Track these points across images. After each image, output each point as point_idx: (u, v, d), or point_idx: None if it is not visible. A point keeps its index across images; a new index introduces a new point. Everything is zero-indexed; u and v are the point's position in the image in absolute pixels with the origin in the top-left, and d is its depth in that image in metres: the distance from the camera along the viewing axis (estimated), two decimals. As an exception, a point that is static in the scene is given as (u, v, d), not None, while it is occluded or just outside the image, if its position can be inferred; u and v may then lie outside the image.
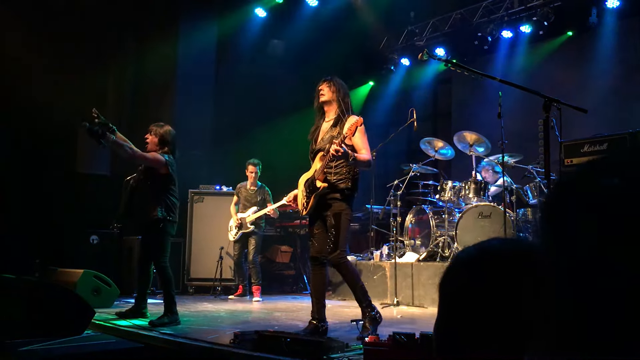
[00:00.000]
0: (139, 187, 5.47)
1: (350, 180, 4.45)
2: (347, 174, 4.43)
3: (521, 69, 9.68)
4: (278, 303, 7.24)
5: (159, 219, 5.26)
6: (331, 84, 4.58)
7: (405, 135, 9.78)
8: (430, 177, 8.37)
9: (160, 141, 5.46)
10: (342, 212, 4.41)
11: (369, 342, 3.36)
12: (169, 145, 5.48)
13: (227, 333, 4.47)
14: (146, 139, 5.49)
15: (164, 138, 5.47)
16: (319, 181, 4.42)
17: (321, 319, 4.49)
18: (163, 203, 5.30)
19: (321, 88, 4.61)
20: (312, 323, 4.47)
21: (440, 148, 7.68)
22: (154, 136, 5.47)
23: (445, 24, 10.23)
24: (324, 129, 4.62)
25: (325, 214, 4.47)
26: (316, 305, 4.52)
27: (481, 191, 7.13)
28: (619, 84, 8.67)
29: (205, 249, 8.27)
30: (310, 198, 4.49)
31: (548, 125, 3.45)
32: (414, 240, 7.72)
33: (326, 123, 4.63)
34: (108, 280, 6.42)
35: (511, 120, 7.80)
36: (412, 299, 6.78)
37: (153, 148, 5.43)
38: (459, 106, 10.95)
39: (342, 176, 4.43)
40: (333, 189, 4.42)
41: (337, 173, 4.43)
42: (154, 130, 5.49)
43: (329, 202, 4.45)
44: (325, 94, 4.58)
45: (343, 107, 4.52)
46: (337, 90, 4.56)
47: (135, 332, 4.67)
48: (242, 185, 8.04)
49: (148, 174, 5.37)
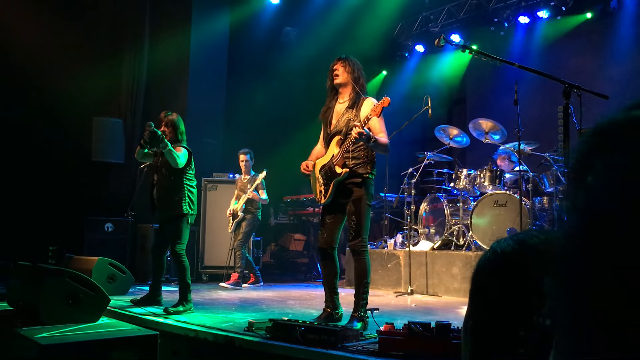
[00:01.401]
0: (160, 179, 5.49)
1: (369, 165, 4.27)
2: (365, 158, 4.25)
3: (538, 55, 9.54)
4: (292, 291, 7.25)
5: (184, 214, 5.33)
6: (346, 63, 4.37)
7: (419, 122, 9.69)
8: (445, 165, 8.29)
9: (177, 131, 5.50)
10: (361, 197, 4.22)
11: (384, 331, 3.34)
12: (183, 134, 5.52)
13: (241, 321, 4.48)
14: (164, 132, 5.47)
15: (178, 126, 5.50)
16: (339, 167, 4.24)
17: (335, 306, 4.40)
18: (187, 197, 5.38)
19: (336, 68, 4.39)
20: (326, 310, 4.41)
21: (455, 136, 7.60)
22: (172, 127, 5.49)
23: (461, 10, 10.10)
24: (338, 110, 4.42)
25: (344, 201, 4.29)
26: (329, 295, 4.43)
27: (497, 179, 7.06)
28: (639, 69, 8.51)
29: (219, 236, 8.29)
30: (330, 185, 4.29)
31: (568, 112, 3.38)
32: (428, 228, 7.67)
33: (340, 104, 4.43)
34: (123, 267, 6.45)
35: (527, 107, 7.71)
36: (426, 287, 6.75)
37: (171, 139, 5.41)
38: (474, 93, 10.83)
39: (360, 160, 4.25)
40: (351, 174, 4.24)
41: (355, 157, 4.25)
42: (168, 121, 5.50)
43: (348, 188, 4.26)
44: (340, 74, 4.36)
45: (358, 89, 4.34)
46: (352, 71, 4.36)
47: (150, 320, 4.70)
48: (239, 176, 8.05)
49: (170, 167, 5.37)
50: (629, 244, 0.39)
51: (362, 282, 4.29)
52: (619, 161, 0.42)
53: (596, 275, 0.41)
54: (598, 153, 0.44)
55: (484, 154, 7.70)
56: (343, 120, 4.32)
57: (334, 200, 4.34)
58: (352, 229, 4.27)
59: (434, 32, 10.26)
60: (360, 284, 4.29)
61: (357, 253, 4.30)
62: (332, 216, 4.40)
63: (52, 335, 3.83)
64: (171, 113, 5.57)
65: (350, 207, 4.26)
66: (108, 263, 6.31)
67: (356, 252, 4.30)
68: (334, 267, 4.44)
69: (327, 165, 4.36)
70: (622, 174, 0.41)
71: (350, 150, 4.24)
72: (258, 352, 3.72)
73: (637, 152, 0.41)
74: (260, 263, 8.75)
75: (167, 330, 4.39)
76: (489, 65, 7.50)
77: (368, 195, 4.27)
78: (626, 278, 0.39)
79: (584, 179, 0.44)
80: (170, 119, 5.51)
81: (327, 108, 4.52)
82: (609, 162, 0.43)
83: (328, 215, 4.42)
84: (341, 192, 4.29)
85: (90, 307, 4.56)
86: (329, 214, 4.41)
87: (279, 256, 10.41)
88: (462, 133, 7.57)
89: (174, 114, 5.57)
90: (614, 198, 0.41)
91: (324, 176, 4.38)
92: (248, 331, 3.98)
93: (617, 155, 0.43)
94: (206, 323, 4.45)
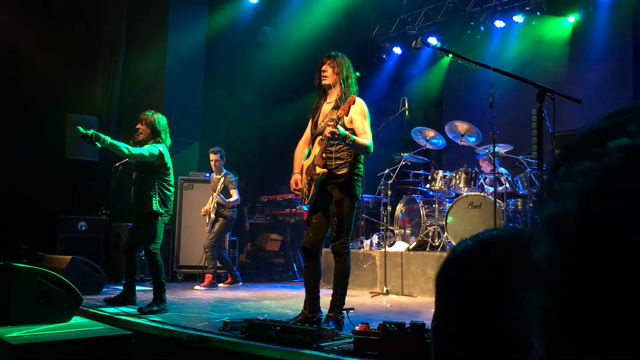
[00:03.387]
0: (136, 177, 5.46)
1: (352, 165, 4.23)
2: (348, 158, 4.22)
3: (513, 59, 9.68)
4: (267, 291, 7.23)
5: (154, 212, 5.28)
6: (335, 63, 4.30)
7: (396, 124, 9.74)
8: (421, 166, 8.37)
9: (152, 130, 5.44)
10: (344, 199, 4.17)
11: (360, 331, 3.36)
12: (160, 134, 5.45)
13: (216, 321, 4.46)
14: (138, 129, 5.46)
15: (155, 127, 5.45)
16: (319, 167, 4.21)
17: (313, 309, 4.32)
18: (158, 196, 5.33)
19: (324, 69, 4.33)
20: (304, 313, 4.32)
21: (432, 137, 7.67)
22: (146, 126, 5.44)
23: (438, 13, 10.19)
24: (325, 111, 4.38)
25: (328, 201, 4.25)
26: (309, 297, 4.35)
27: (472, 181, 7.15)
28: (612, 74, 8.70)
29: (194, 236, 8.23)
30: (311, 185, 4.26)
31: (542, 115, 3.44)
32: (404, 229, 7.73)
33: (327, 105, 4.39)
34: (96, 266, 6.38)
35: (502, 110, 7.82)
36: (401, 288, 6.80)
37: (146, 137, 5.41)
38: (451, 95, 10.95)
39: (342, 161, 4.21)
40: (334, 174, 4.21)
41: (338, 158, 4.22)
42: (144, 120, 5.47)
43: (331, 188, 4.23)
44: (328, 75, 4.31)
45: (344, 89, 4.28)
46: (340, 71, 4.30)
47: (124, 319, 4.65)
48: (212, 175, 8.02)
49: (143, 165, 5.34)
50: (586, 252, 0.40)
51: (341, 283, 4.27)
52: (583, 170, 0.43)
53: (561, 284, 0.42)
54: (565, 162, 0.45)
55: (459, 155, 7.79)
56: (327, 120, 4.28)
57: (320, 201, 4.30)
58: (333, 230, 4.23)
59: (411, 35, 10.34)
60: (338, 285, 4.27)
61: (338, 255, 4.26)
62: (317, 216, 4.34)
63: (23, 335, 3.77)
64: (151, 113, 5.54)
65: (333, 208, 4.22)
66: (81, 262, 6.24)
67: (337, 254, 4.26)
68: (316, 269, 4.37)
69: (310, 165, 4.34)
70: (585, 185, 0.42)
71: (333, 151, 4.22)
72: (233, 352, 3.71)
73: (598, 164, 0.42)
74: (237, 263, 8.70)
75: (141, 330, 4.36)
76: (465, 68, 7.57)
77: (351, 196, 4.22)
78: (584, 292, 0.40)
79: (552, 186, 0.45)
80: (144, 117, 5.49)
81: (316, 107, 4.48)
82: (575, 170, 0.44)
83: (314, 215, 4.36)
84: (325, 192, 4.26)
85: (63, 306, 4.50)
86: (315, 214, 4.35)
87: (255, 256, 10.38)
88: (438, 135, 7.64)
89: (153, 113, 5.53)
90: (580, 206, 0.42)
91: (308, 176, 4.35)
92: (223, 331, 3.97)
93: (578, 165, 0.44)
94: (181, 323, 4.43)
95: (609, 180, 0.41)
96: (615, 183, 0.41)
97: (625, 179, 0.41)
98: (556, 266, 0.43)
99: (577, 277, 0.41)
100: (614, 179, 0.41)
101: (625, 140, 0.42)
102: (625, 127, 0.43)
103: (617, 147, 0.42)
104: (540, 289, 0.44)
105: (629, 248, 0.39)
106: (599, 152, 0.43)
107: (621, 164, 0.41)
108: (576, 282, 0.41)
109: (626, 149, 0.41)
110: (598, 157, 0.42)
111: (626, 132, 0.43)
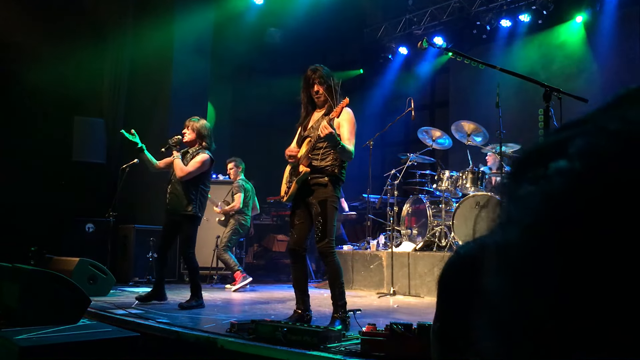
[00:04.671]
0: (173, 179, 5.58)
1: (337, 167, 4.29)
2: (333, 160, 4.28)
3: (519, 59, 9.65)
4: (274, 292, 7.23)
5: (194, 216, 5.44)
6: (322, 80, 4.37)
7: (402, 124, 9.75)
8: (428, 166, 8.34)
9: (198, 136, 5.61)
10: (327, 199, 4.23)
11: (366, 332, 3.35)
12: (206, 139, 5.62)
13: (223, 322, 4.47)
14: (184, 134, 5.62)
15: (201, 132, 5.62)
16: (303, 166, 4.27)
17: (306, 308, 4.44)
18: (197, 200, 5.48)
19: (317, 89, 4.38)
20: (297, 312, 4.42)
21: (438, 137, 7.65)
22: (192, 131, 5.61)
23: (444, 13, 10.18)
24: (315, 117, 4.47)
25: (310, 201, 4.31)
26: (301, 297, 4.43)
27: (478, 181, 7.12)
28: (619, 73, 8.65)
29: (202, 237, 8.21)
30: (292, 183, 4.33)
31: (548, 115, 3.42)
32: (411, 229, 7.71)
33: (317, 113, 4.49)
34: (104, 268, 6.39)
35: (509, 110, 7.79)
36: (408, 288, 6.78)
37: (192, 143, 5.60)
38: (457, 96, 10.92)
39: (328, 162, 4.28)
40: (319, 175, 4.27)
41: (324, 159, 4.28)
42: (190, 125, 5.64)
43: (314, 188, 4.28)
44: (320, 95, 4.39)
45: (334, 98, 4.33)
46: (328, 86, 4.37)
47: (132, 321, 4.66)
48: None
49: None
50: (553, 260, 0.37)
51: (337, 283, 4.31)
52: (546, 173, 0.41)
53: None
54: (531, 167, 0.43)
55: (466, 155, 7.76)
56: (317, 125, 4.34)
57: (302, 201, 4.37)
58: (318, 230, 4.27)
59: (417, 35, 10.34)
60: (334, 286, 4.31)
61: (325, 255, 4.31)
62: (301, 217, 4.40)
63: (32, 337, 3.78)
64: (197, 119, 5.69)
65: (317, 208, 4.27)
66: (89, 264, 6.25)
67: (324, 255, 4.31)
68: (304, 269, 4.50)
69: (294, 164, 4.42)
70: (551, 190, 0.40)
71: (319, 153, 4.28)
72: (240, 353, 3.71)
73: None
74: (243, 264, 8.71)
75: (149, 332, 4.37)
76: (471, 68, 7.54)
77: (333, 196, 4.29)
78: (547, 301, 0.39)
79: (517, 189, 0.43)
80: (190, 123, 5.65)
81: (307, 114, 4.56)
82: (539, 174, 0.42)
83: (297, 216, 4.43)
84: (308, 192, 4.32)
85: (71, 308, 4.51)
86: (298, 214, 4.42)
87: (262, 257, 10.39)
88: (445, 135, 7.63)
89: (199, 120, 5.69)
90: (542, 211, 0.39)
91: (290, 175, 4.44)
92: (230, 332, 3.97)
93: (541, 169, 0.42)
94: (188, 324, 4.43)
95: (547, 209, 0.38)
96: (554, 212, 0.37)
97: (563, 208, 0.37)
98: (499, 297, 0.41)
99: (519, 313, 0.40)
100: (552, 207, 0.38)
101: (563, 164, 0.38)
102: (568, 146, 0.39)
103: (557, 170, 0.38)
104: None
105: (568, 281, 0.36)
106: (539, 175, 0.39)
107: (560, 190, 0.37)
108: (520, 317, 0.40)
109: (563, 173, 0.38)
110: (537, 181, 0.39)
111: (566, 153, 0.39)
